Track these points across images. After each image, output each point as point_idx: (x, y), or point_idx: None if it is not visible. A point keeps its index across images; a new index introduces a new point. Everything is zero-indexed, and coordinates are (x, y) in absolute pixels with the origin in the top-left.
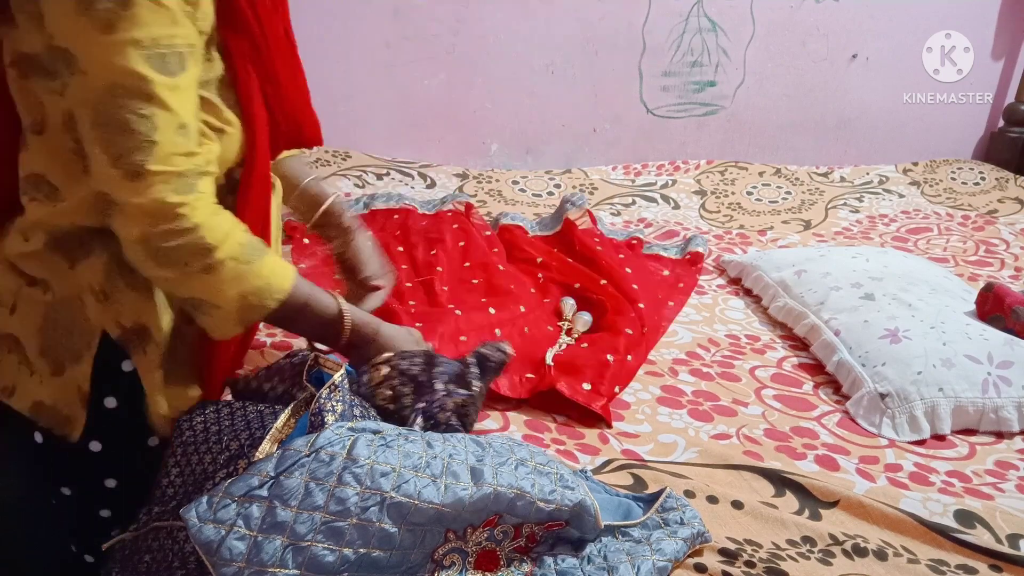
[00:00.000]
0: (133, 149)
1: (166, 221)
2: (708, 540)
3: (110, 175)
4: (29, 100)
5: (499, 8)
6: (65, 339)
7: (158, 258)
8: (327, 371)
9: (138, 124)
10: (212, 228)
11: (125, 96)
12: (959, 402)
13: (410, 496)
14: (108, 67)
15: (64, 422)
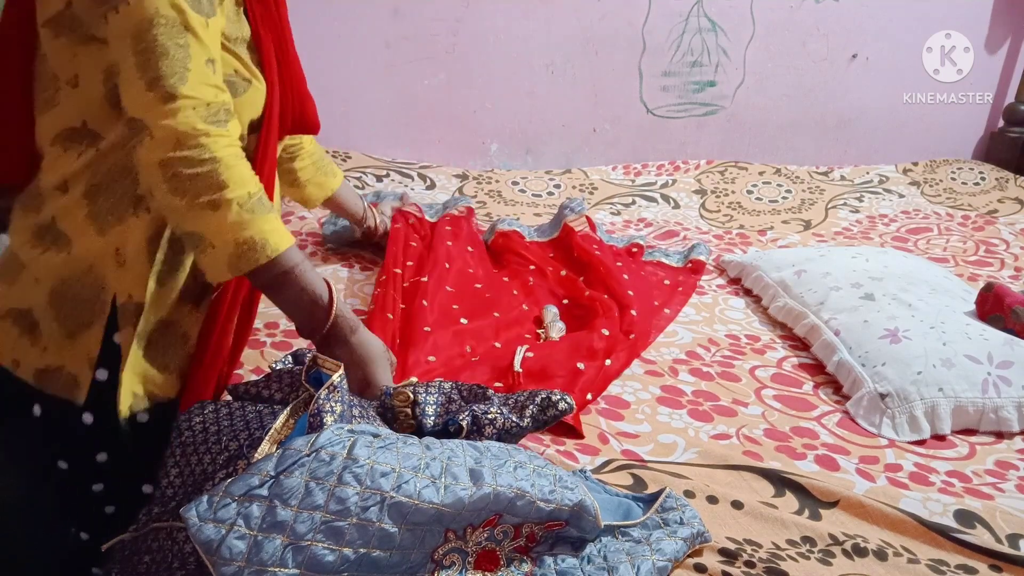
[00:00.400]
0: (169, 74)
1: (188, 147)
2: (708, 540)
3: (145, 98)
4: (63, 56)
5: (499, 8)
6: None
7: (172, 183)
8: (326, 372)
9: (175, 51)
10: (229, 167)
11: (165, 25)
12: (959, 402)
13: (410, 496)
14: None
15: (72, 385)
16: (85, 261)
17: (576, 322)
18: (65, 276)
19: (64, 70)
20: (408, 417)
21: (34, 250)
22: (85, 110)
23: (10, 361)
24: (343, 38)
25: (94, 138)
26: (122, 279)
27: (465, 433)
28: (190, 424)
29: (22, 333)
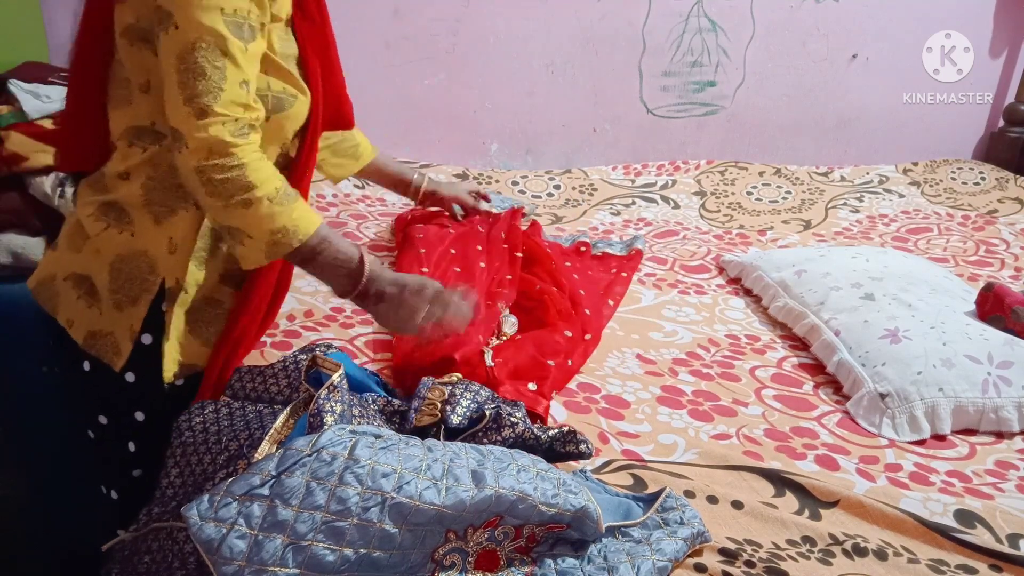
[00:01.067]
0: (204, 92)
1: (219, 156)
2: (708, 540)
3: (182, 112)
4: (137, 63)
5: (499, 8)
6: (129, 283)
7: (208, 187)
8: (326, 372)
9: (212, 72)
10: (256, 170)
11: (206, 49)
12: (959, 402)
13: (411, 497)
14: (197, 25)
15: (114, 352)
16: (141, 245)
17: (525, 314)
18: (123, 254)
19: (136, 75)
20: (434, 410)
21: (98, 223)
22: (154, 112)
23: (65, 320)
24: (343, 38)
25: (158, 137)
26: (171, 265)
27: (486, 423)
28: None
29: (80, 296)
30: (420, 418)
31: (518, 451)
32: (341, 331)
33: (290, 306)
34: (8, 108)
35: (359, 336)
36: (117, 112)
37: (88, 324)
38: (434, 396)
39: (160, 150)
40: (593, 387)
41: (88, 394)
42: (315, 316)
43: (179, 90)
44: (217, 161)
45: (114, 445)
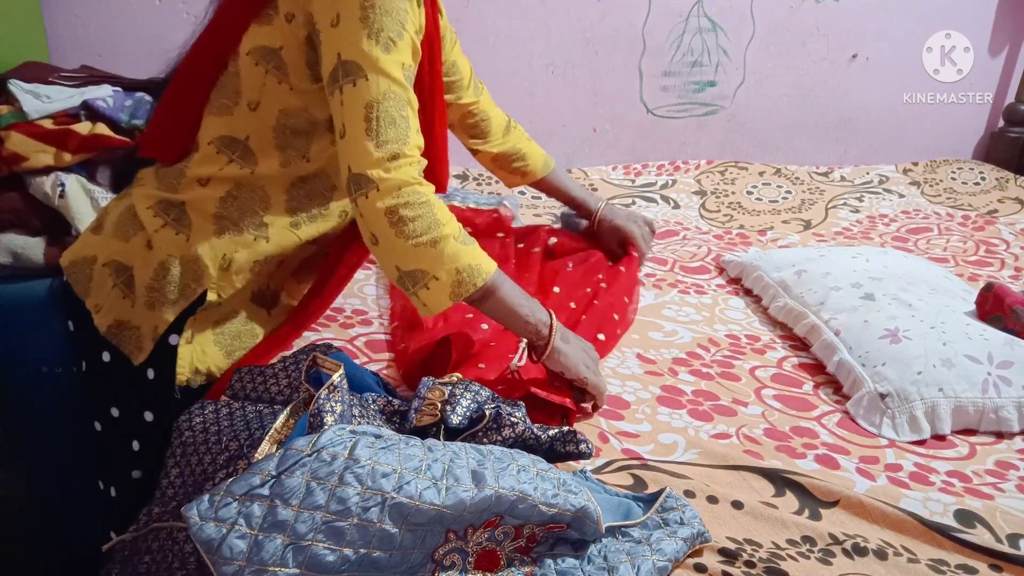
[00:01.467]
0: (396, 138)
1: (411, 194)
2: (708, 540)
3: (373, 157)
4: (255, 82)
5: (499, 8)
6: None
7: (398, 227)
8: (326, 371)
9: (400, 121)
10: (440, 207)
11: (394, 99)
12: (959, 402)
13: (411, 497)
14: (386, 77)
15: (136, 347)
16: (195, 252)
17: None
18: (175, 255)
19: (249, 93)
20: (434, 409)
21: (156, 219)
22: (252, 130)
23: (93, 304)
24: None
25: (247, 154)
26: (219, 280)
27: (486, 422)
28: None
29: (116, 285)
30: (420, 418)
31: (518, 451)
32: (341, 331)
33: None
34: (8, 108)
35: (359, 336)
36: (214, 118)
37: (117, 314)
38: (434, 396)
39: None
40: None
41: (103, 385)
42: None
43: (369, 137)
44: (408, 199)
45: (120, 441)
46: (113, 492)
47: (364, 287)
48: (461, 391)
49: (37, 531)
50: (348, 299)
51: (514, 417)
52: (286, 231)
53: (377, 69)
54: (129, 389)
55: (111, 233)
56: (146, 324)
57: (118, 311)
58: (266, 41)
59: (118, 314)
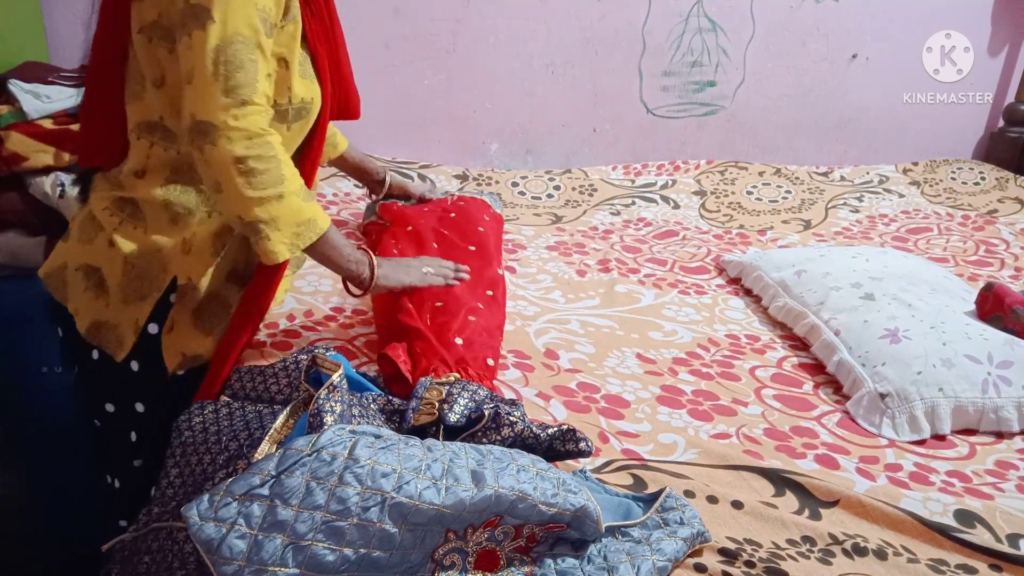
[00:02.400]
0: (243, 83)
1: (259, 145)
2: (708, 540)
3: (219, 103)
4: (153, 59)
5: (499, 8)
6: (139, 279)
7: (247, 178)
8: (325, 372)
9: (249, 65)
10: (286, 164)
11: (243, 42)
12: (959, 402)
13: (411, 497)
14: (236, 19)
15: (117, 344)
16: (154, 244)
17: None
18: (137, 250)
19: (152, 71)
20: (432, 409)
21: (113, 218)
22: (165, 108)
23: (73, 308)
24: None
25: (167, 134)
26: (185, 265)
27: (485, 422)
28: (190, 424)
29: (88, 287)
30: (418, 417)
31: (518, 451)
32: (341, 331)
33: (290, 306)
34: (8, 108)
35: (359, 336)
36: (131, 107)
37: (93, 315)
38: (431, 396)
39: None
40: (593, 387)
41: (96, 382)
42: (315, 316)
43: (216, 82)
44: (259, 152)
45: (117, 434)
46: (117, 483)
47: None
48: (459, 390)
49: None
50: (348, 299)
51: (513, 416)
52: None
53: (226, 10)
54: (119, 384)
55: (76, 239)
56: (125, 320)
57: (94, 312)
58: (150, 15)
59: (95, 315)
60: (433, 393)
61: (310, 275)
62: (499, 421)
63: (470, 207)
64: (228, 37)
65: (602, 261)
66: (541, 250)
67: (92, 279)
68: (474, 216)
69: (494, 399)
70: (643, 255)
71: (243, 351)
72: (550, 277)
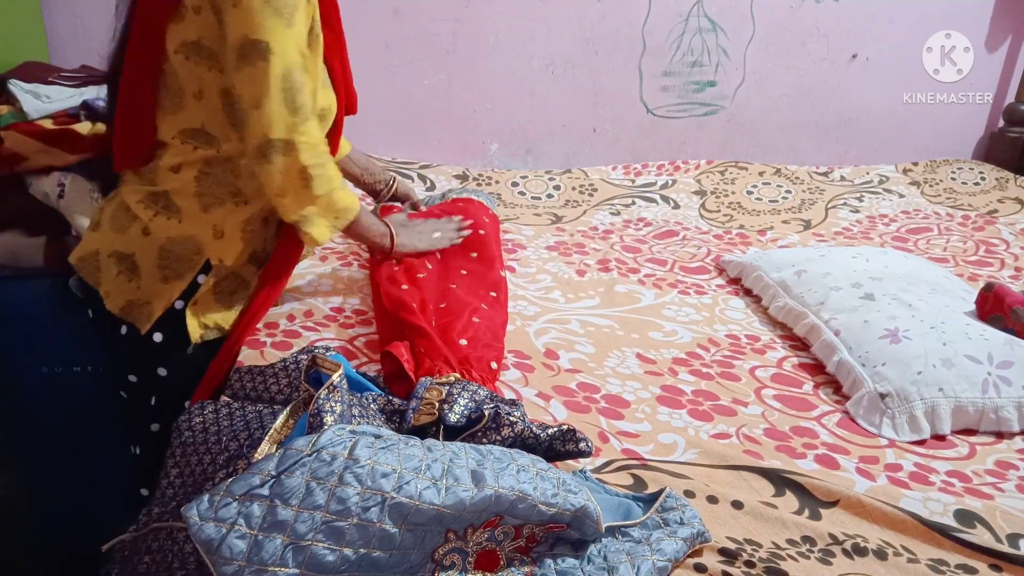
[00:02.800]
0: (304, 104)
1: (319, 155)
2: (708, 540)
3: (289, 122)
4: (193, 75)
5: (499, 8)
6: (177, 261)
7: (313, 183)
8: (325, 372)
9: (305, 88)
10: (331, 163)
11: (298, 68)
12: (959, 402)
13: (411, 497)
14: (290, 48)
15: (146, 318)
16: (189, 230)
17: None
18: (173, 237)
19: (190, 85)
20: (432, 409)
21: (147, 210)
22: (205, 117)
23: (104, 292)
24: None
25: (209, 139)
26: (217, 248)
27: (485, 423)
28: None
29: (120, 272)
30: (418, 417)
31: (517, 451)
32: (341, 331)
33: (290, 306)
34: (8, 108)
35: (359, 336)
36: (169, 117)
37: (125, 295)
38: (431, 396)
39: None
40: (593, 387)
41: (122, 355)
42: (315, 316)
43: (284, 106)
44: (317, 160)
45: (140, 401)
46: (138, 450)
47: (364, 287)
48: (459, 391)
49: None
50: (348, 299)
51: (513, 416)
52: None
53: (283, 44)
54: (143, 354)
55: (108, 227)
56: (159, 298)
57: (126, 293)
58: (185, 36)
59: (127, 295)
60: (433, 393)
61: (310, 275)
62: (499, 421)
63: (470, 208)
64: (288, 66)
65: (602, 261)
66: (541, 250)
67: (124, 264)
68: (476, 219)
69: (494, 399)
70: (643, 255)
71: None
72: (550, 277)
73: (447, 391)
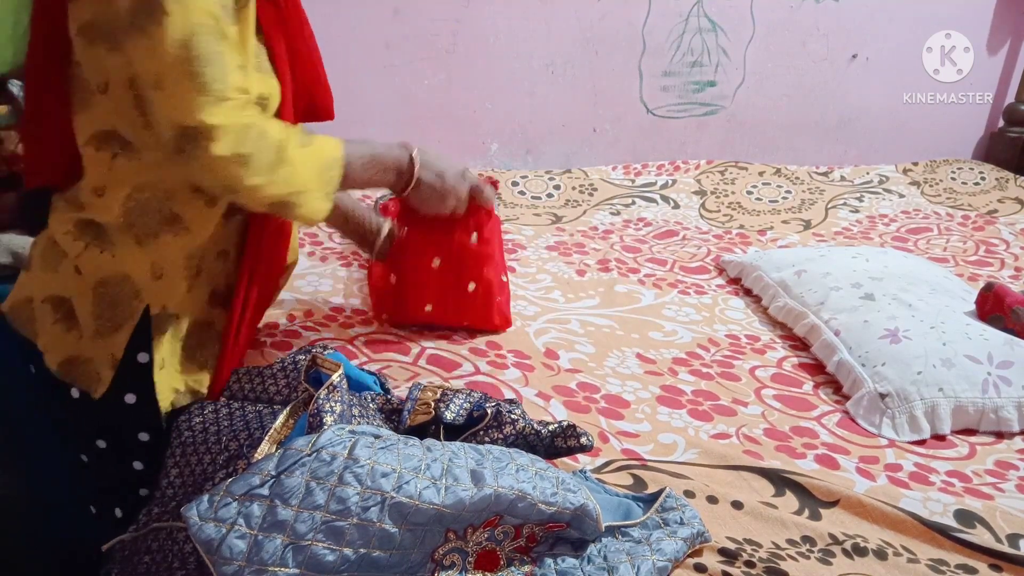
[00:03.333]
0: (217, 78)
1: (249, 138)
2: (708, 540)
3: (198, 103)
4: (94, 63)
5: (499, 8)
6: (112, 308)
7: (249, 168)
8: (325, 371)
9: (218, 57)
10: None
11: (207, 33)
12: (959, 402)
13: (411, 497)
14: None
15: (93, 379)
16: (123, 269)
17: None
18: (106, 277)
19: (95, 77)
20: (428, 409)
21: (76, 242)
22: (114, 115)
23: (42, 345)
24: (343, 38)
25: (123, 143)
26: (157, 291)
27: (487, 421)
28: (190, 424)
29: (57, 320)
30: (414, 418)
31: (516, 450)
32: (341, 331)
33: (290, 306)
34: (8, 108)
35: (359, 336)
36: (79, 118)
37: (65, 350)
38: (426, 396)
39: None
40: (593, 387)
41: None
42: (315, 316)
43: (188, 81)
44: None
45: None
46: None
47: (364, 287)
48: (451, 395)
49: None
50: (349, 299)
51: (514, 414)
52: (201, 211)
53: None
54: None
55: (39, 267)
56: (100, 354)
57: (66, 347)
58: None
59: (67, 350)
60: (428, 394)
61: (310, 275)
62: (500, 419)
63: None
64: (191, 30)
65: (602, 261)
66: (541, 250)
67: (61, 311)
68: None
69: (489, 400)
70: (643, 255)
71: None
72: (550, 277)
73: (442, 392)
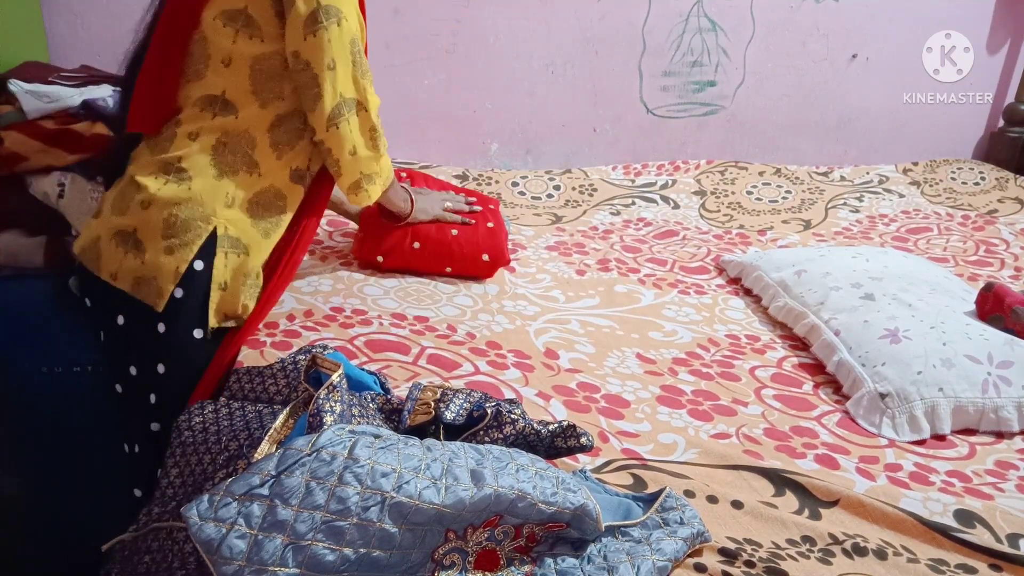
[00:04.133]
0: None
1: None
2: (708, 540)
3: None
4: (225, 42)
5: (499, 8)
6: (183, 228)
7: (375, 141)
8: (325, 371)
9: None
10: None
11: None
12: (959, 402)
13: (411, 496)
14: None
15: (158, 294)
16: (200, 196)
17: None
18: (181, 202)
19: (219, 53)
20: (428, 409)
21: (157, 180)
22: (227, 85)
23: (108, 274)
24: None
25: (228, 106)
26: (227, 217)
27: (487, 421)
28: (190, 424)
29: (126, 251)
30: (414, 418)
31: (516, 450)
32: (341, 331)
33: (290, 306)
34: (8, 108)
35: (359, 336)
36: (192, 85)
37: (133, 272)
38: (426, 396)
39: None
40: (593, 386)
41: (121, 346)
42: (315, 316)
43: (356, 69)
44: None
45: (139, 397)
46: (136, 448)
47: (364, 287)
48: (450, 396)
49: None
50: (349, 299)
51: (514, 414)
52: (274, 164)
53: (350, 13)
54: (143, 345)
55: (109, 212)
56: (163, 272)
57: (134, 271)
58: (229, 5)
59: (135, 273)
60: (428, 394)
61: (310, 275)
62: (501, 419)
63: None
64: (354, 33)
65: (602, 261)
66: (541, 250)
67: (128, 241)
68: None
69: (489, 399)
70: (643, 255)
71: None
72: (550, 277)
73: (442, 392)
